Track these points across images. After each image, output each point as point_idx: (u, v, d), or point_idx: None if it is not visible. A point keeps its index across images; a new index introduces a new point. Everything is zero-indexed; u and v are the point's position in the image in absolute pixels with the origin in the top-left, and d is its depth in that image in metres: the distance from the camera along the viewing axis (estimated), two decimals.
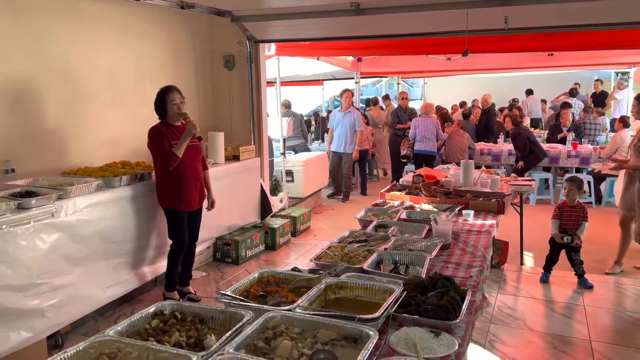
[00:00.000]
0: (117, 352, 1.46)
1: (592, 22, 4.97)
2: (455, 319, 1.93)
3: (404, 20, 5.14)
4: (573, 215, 4.63)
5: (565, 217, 4.66)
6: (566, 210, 4.67)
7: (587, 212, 4.66)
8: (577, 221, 4.61)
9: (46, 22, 4.00)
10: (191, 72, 5.75)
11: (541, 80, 14.13)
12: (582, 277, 4.64)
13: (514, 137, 7.96)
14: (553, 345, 3.59)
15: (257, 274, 2.14)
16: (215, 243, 5.38)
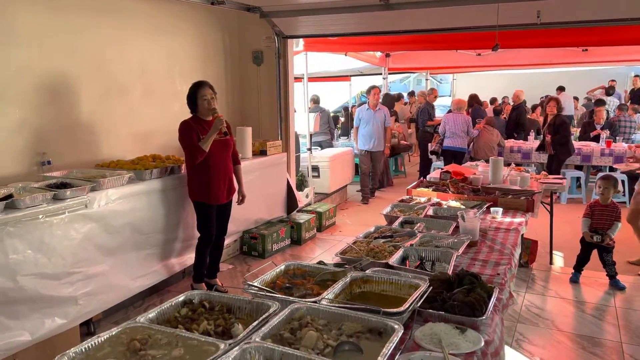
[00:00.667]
0: (147, 338, 1.50)
1: (628, 16, 4.83)
2: (481, 316, 1.92)
3: (433, 15, 5.09)
4: (605, 215, 4.52)
5: (597, 216, 4.56)
6: (598, 209, 4.57)
7: (620, 212, 4.55)
8: (609, 221, 4.50)
9: (83, 18, 4.11)
10: (220, 68, 5.82)
11: (574, 76, 13.79)
12: (614, 278, 4.53)
13: (559, 125, 7.43)
14: (582, 346, 3.52)
15: (283, 266, 2.17)
16: (242, 236, 5.45)
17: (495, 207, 3.73)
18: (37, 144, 3.81)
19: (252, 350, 1.43)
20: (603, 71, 13.53)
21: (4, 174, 3.58)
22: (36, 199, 3.17)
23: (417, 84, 19.38)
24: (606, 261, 4.55)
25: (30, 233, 3.11)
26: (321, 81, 12.66)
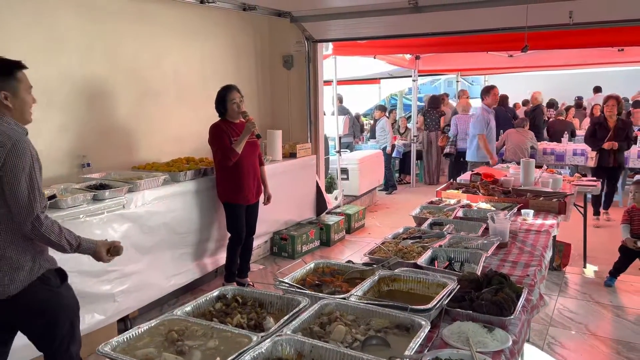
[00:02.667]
0: (184, 330, 1.58)
1: None
2: (509, 315, 1.93)
3: (462, 17, 5.08)
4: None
5: (637, 221, 4.44)
6: (637, 215, 4.46)
7: None
8: None
9: (120, 24, 4.27)
10: (251, 72, 5.94)
11: (611, 77, 13.40)
12: None
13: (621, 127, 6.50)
14: (616, 351, 3.46)
15: (312, 265, 2.22)
16: (273, 237, 5.54)
17: (526, 209, 3.70)
18: (78, 147, 3.97)
19: (284, 342, 1.49)
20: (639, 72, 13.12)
21: (48, 176, 3.73)
22: (77, 199, 3.32)
23: (448, 86, 19.18)
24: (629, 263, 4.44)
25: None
26: (351, 84, 12.69)
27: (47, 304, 2.24)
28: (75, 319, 2.40)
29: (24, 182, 2.09)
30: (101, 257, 2.41)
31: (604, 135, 6.43)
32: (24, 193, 2.09)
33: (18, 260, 2.16)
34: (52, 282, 2.27)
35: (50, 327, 2.27)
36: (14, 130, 2.16)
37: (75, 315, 2.40)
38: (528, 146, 8.06)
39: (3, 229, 2.15)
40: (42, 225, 2.13)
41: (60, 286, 2.32)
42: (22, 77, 2.25)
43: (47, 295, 2.24)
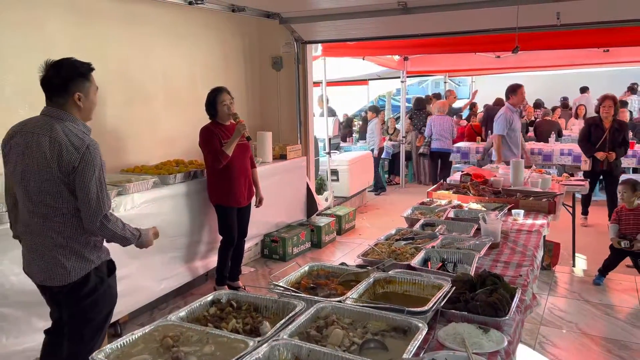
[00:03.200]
0: (179, 335, 1.56)
1: None
2: (504, 316, 1.93)
3: (451, 18, 5.10)
4: (632, 219, 4.45)
5: (624, 221, 4.49)
6: (624, 214, 4.50)
7: None
8: (637, 226, 4.42)
9: (107, 26, 4.22)
10: (240, 74, 5.91)
11: (595, 77, 13.57)
12: None
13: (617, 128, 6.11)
14: (608, 349, 3.49)
15: (307, 267, 2.21)
16: (263, 240, 5.51)
17: (517, 210, 3.72)
18: None
19: (281, 347, 1.48)
20: (625, 72, 13.31)
21: None
22: None
23: (435, 87, 19.29)
24: (637, 265, 4.47)
25: None
26: (339, 85, 12.70)
27: (95, 292, 2.42)
28: (111, 311, 2.57)
29: (94, 185, 2.24)
30: (150, 242, 2.64)
31: (600, 137, 6.04)
32: (93, 195, 2.24)
33: (80, 252, 2.35)
34: (104, 273, 2.47)
35: (89, 312, 2.44)
36: (84, 134, 2.31)
37: (112, 307, 2.57)
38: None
39: (69, 224, 2.31)
40: (110, 222, 2.31)
41: (109, 277, 2.52)
42: (93, 79, 2.40)
43: (97, 284, 2.43)
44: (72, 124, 2.30)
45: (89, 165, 2.24)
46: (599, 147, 6.03)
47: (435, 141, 8.87)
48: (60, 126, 2.27)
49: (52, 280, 2.36)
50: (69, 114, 2.32)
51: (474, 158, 8.89)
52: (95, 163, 2.26)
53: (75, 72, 2.35)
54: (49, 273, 2.35)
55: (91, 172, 2.24)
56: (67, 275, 2.33)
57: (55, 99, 2.32)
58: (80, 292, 2.38)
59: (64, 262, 2.32)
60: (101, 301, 2.46)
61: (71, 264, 2.33)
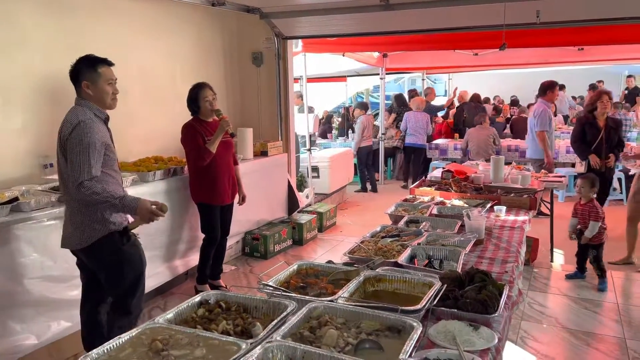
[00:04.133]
0: (168, 339, 1.50)
1: (623, 15, 4.87)
2: (494, 313, 1.94)
3: (434, 15, 5.11)
4: (584, 213, 4.52)
5: (579, 215, 4.57)
6: (579, 208, 4.58)
7: (597, 211, 4.45)
8: (587, 219, 4.49)
9: (84, 20, 4.10)
10: (220, 69, 5.82)
11: (570, 75, 13.85)
12: (601, 277, 4.49)
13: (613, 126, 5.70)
14: (586, 343, 3.55)
15: (296, 266, 2.17)
16: (244, 238, 5.45)
17: (499, 206, 3.75)
18: (39, 147, 3.79)
19: (274, 349, 1.44)
20: (598, 70, 13.61)
21: (6, 178, 3.56)
22: (41, 201, 3.16)
23: (411, 84, 19.41)
24: (590, 259, 4.56)
25: (36, 236, 3.10)
26: (318, 82, 12.66)
27: (111, 257, 2.79)
28: (140, 275, 2.93)
29: (76, 155, 2.58)
30: (146, 206, 2.76)
31: (595, 137, 5.54)
32: (76, 163, 2.58)
33: (89, 221, 2.71)
34: (117, 240, 2.79)
35: (115, 277, 2.84)
36: (85, 114, 2.69)
37: (138, 272, 2.92)
38: (491, 142, 8.23)
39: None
40: (86, 188, 2.58)
41: (125, 244, 2.83)
42: (103, 71, 2.80)
43: (111, 250, 2.77)
44: (81, 108, 2.74)
45: (77, 137, 2.59)
46: (596, 148, 5.53)
47: (409, 136, 9.05)
48: (74, 108, 2.76)
49: (70, 244, 2.80)
50: (81, 99, 2.79)
51: (452, 155, 8.98)
52: (84, 137, 2.60)
53: (82, 63, 2.80)
54: (68, 238, 2.79)
55: (77, 143, 2.58)
56: (81, 240, 2.73)
57: (75, 88, 2.82)
58: (97, 256, 2.78)
59: (79, 228, 2.73)
60: (121, 266, 2.81)
61: (85, 230, 2.72)
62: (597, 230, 4.44)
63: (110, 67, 2.87)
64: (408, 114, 9.15)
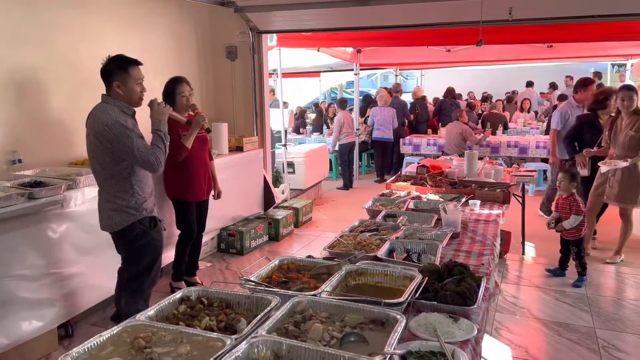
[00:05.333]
0: (151, 336, 1.48)
1: (592, 13, 5.00)
2: (473, 305, 1.97)
3: (408, 11, 5.15)
4: (565, 207, 4.49)
5: (560, 208, 4.56)
6: (560, 202, 4.57)
7: (579, 205, 4.42)
8: (567, 212, 4.45)
9: (55, 11, 3.98)
10: (193, 63, 5.74)
11: (539, 72, 14.18)
12: (580, 273, 4.51)
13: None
14: (558, 333, 3.65)
15: (277, 261, 2.17)
16: (220, 234, 5.40)
17: (473, 200, 3.82)
18: (7, 142, 3.68)
19: (260, 344, 1.43)
20: (565, 67, 13.97)
21: None
22: (10, 198, 3.06)
23: (384, 80, 19.54)
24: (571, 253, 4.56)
25: (5, 234, 3.01)
26: (292, 77, 12.63)
27: (138, 239, 3.10)
28: (156, 258, 3.22)
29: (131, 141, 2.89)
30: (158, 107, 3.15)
31: (595, 137, 5.19)
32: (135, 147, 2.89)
33: (122, 207, 3.02)
34: (146, 225, 3.11)
35: (135, 257, 3.15)
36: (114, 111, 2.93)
37: (156, 255, 3.22)
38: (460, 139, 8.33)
39: (108, 185, 3.02)
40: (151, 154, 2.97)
41: (152, 229, 3.15)
42: (133, 72, 3.00)
43: (140, 233, 3.09)
44: (108, 105, 2.96)
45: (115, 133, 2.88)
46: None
47: (376, 130, 9.28)
48: (101, 105, 2.97)
49: (104, 228, 3.13)
50: (110, 97, 3.00)
51: (425, 150, 9.09)
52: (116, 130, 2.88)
53: (114, 64, 2.98)
54: (103, 222, 3.12)
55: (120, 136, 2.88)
56: (113, 224, 3.05)
57: (105, 85, 3.02)
58: (126, 239, 3.09)
59: (111, 215, 3.04)
60: (144, 249, 3.13)
61: (116, 216, 3.02)
62: (577, 223, 4.41)
63: (139, 67, 3.05)
64: (374, 109, 9.37)
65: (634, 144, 4.69)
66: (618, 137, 4.81)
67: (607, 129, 4.96)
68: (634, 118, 4.72)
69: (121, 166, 2.97)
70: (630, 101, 4.71)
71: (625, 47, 9.14)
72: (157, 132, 3.08)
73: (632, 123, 4.72)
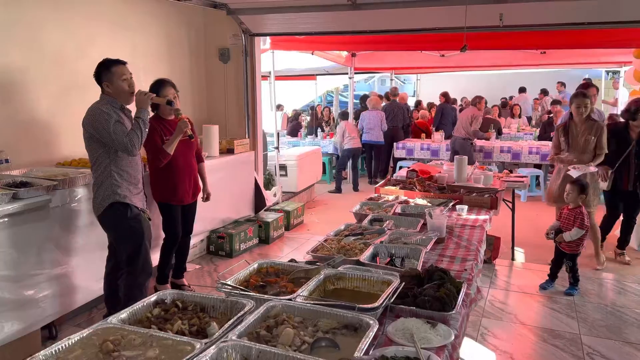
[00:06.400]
0: (121, 339, 1.47)
1: (585, 20, 5.02)
2: (451, 310, 1.96)
3: (400, 16, 5.16)
4: (570, 218, 4.38)
5: (564, 218, 4.45)
6: (565, 212, 4.45)
7: (583, 219, 4.30)
8: (570, 224, 4.37)
9: (42, 11, 3.97)
10: (185, 65, 5.73)
11: (533, 78, 14.23)
12: (572, 284, 4.47)
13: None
14: (543, 339, 3.65)
15: (256, 265, 2.16)
16: (209, 236, 5.39)
17: (461, 205, 3.82)
18: None
19: (229, 348, 1.42)
20: (559, 73, 14.01)
21: None
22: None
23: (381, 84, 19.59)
24: (565, 267, 4.51)
25: None
26: (287, 80, 12.64)
27: (114, 224, 3.39)
28: (139, 247, 3.40)
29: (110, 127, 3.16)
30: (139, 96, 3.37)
31: (623, 149, 4.92)
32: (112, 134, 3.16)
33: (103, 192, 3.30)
34: (118, 210, 3.32)
35: (119, 245, 3.47)
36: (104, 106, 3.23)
37: (138, 245, 3.39)
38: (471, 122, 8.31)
39: (97, 168, 3.30)
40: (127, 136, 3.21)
41: (129, 218, 3.34)
42: (115, 70, 3.27)
43: (114, 217, 3.34)
44: (99, 101, 3.28)
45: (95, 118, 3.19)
46: (622, 163, 4.92)
47: (365, 133, 9.36)
48: (95, 103, 3.28)
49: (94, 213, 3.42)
50: (104, 95, 3.31)
51: (419, 155, 9.11)
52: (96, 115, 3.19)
53: (99, 68, 3.30)
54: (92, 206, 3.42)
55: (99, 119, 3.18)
56: (95, 209, 3.37)
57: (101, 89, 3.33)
58: (104, 224, 3.42)
59: (94, 200, 3.36)
60: (124, 233, 3.39)
61: (96, 201, 3.34)
62: (578, 236, 4.33)
63: (124, 65, 3.32)
64: (363, 113, 9.49)
65: (592, 147, 4.83)
66: (577, 141, 4.88)
67: (562, 135, 5.00)
68: (589, 123, 4.85)
69: (103, 152, 3.25)
70: (586, 108, 4.82)
71: (619, 54, 9.17)
72: (136, 119, 3.30)
73: (589, 128, 4.83)
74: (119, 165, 3.31)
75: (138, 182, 3.47)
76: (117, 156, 3.28)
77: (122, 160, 3.32)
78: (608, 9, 4.77)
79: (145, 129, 3.31)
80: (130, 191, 3.37)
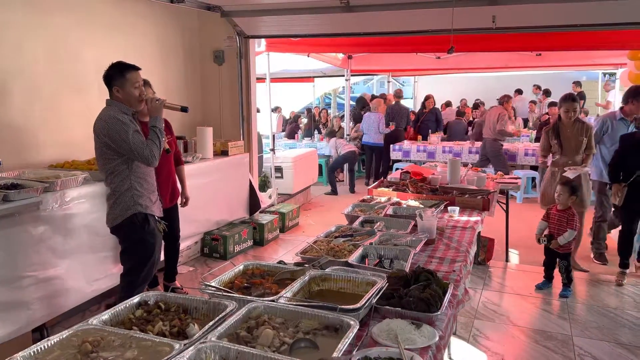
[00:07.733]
0: (100, 340, 1.47)
1: (579, 22, 5.03)
2: (436, 311, 1.97)
3: (392, 18, 5.17)
4: (561, 220, 4.38)
5: (552, 220, 4.44)
6: (554, 213, 4.44)
7: (576, 220, 4.33)
8: (560, 225, 4.37)
9: (36, 15, 3.98)
10: (180, 67, 5.74)
11: (529, 80, 14.25)
12: (566, 284, 4.47)
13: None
14: (535, 340, 3.65)
15: (242, 266, 2.16)
16: (203, 238, 5.38)
17: (453, 207, 3.82)
18: None
19: (208, 349, 1.42)
20: (556, 75, 14.03)
21: None
22: None
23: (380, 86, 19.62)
24: (560, 267, 4.49)
25: None
26: (284, 82, 12.65)
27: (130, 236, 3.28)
28: (146, 261, 3.30)
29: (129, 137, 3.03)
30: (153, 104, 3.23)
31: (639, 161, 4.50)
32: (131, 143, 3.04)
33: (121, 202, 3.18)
34: (138, 222, 3.22)
35: (126, 254, 3.35)
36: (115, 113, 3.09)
37: (145, 258, 3.29)
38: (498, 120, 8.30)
39: (114, 178, 3.17)
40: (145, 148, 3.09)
41: (145, 228, 3.25)
42: (129, 76, 3.14)
43: (131, 230, 3.23)
44: (109, 107, 3.16)
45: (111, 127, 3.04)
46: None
47: (365, 135, 9.42)
48: (103, 108, 3.18)
49: (107, 223, 3.31)
50: (112, 100, 3.18)
51: (415, 157, 9.10)
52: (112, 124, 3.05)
53: (112, 70, 3.15)
54: (106, 218, 3.29)
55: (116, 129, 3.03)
56: (111, 219, 3.24)
57: (108, 90, 3.19)
58: (119, 235, 3.32)
59: (110, 210, 3.24)
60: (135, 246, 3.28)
61: (112, 211, 3.21)
62: (572, 238, 4.35)
63: (137, 72, 3.18)
64: (365, 115, 9.53)
65: (584, 149, 4.90)
66: (569, 143, 4.91)
67: (554, 137, 5.00)
68: (578, 124, 4.90)
69: (120, 161, 3.14)
70: (575, 112, 4.90)
71: (615, 56, 9.19)
72: (152, 128, 3.19)
73: (580, 129, 4.88)
74: (138, 174, 3.21)
75: (155, 190, 3.39)
76: (136, 165, 3.18)
77: (141, 169, 3.22)
78: (600, 11, 4.78)
79: (162, 138, 3.21)
80: (151, 200, 3.30)
